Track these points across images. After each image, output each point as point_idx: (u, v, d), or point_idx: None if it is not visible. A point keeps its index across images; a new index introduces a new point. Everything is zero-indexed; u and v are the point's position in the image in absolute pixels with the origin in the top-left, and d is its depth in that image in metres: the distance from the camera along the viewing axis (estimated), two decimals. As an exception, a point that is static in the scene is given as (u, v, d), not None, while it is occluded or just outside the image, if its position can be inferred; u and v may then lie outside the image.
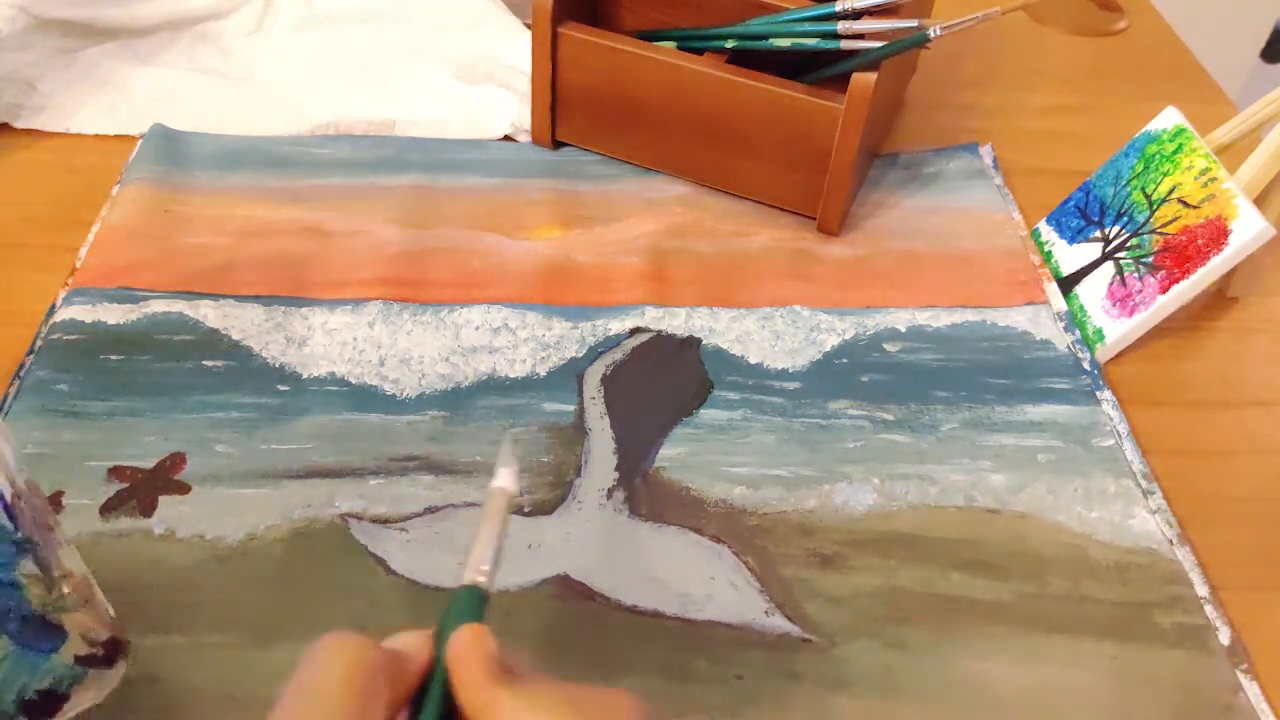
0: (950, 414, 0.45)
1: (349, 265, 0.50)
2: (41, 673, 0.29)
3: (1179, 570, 0.40)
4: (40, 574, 0.29)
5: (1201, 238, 0.47)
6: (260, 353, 0.46)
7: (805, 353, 0.47)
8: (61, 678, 0.30)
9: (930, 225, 0.55)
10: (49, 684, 0.30)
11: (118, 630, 0.32)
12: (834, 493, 0.42)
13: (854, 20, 0.50)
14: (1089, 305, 0.50)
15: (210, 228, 0.52)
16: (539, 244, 0.52)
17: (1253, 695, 0.36)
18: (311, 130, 0.58)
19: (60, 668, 0.30)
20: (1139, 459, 0.43)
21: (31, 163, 0.56)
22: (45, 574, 0.29)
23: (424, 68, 0.61)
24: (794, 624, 0.37)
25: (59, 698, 0.30)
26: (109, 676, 0.32)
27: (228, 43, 0.62)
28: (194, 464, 0.41)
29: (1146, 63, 0.69)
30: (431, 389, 0.45)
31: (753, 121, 0.52)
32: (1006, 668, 0.36)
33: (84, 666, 0.31)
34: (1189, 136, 0.50)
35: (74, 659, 0.30)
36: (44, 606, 0.29)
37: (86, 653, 0.31)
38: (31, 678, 0.29)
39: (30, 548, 0.28)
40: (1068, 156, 0.59)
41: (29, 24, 0.58)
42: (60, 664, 0.30)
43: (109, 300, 0.47)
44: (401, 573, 0.38)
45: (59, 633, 0.30)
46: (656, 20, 0.58)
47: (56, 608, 0.29)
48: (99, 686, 0.32)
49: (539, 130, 0.58)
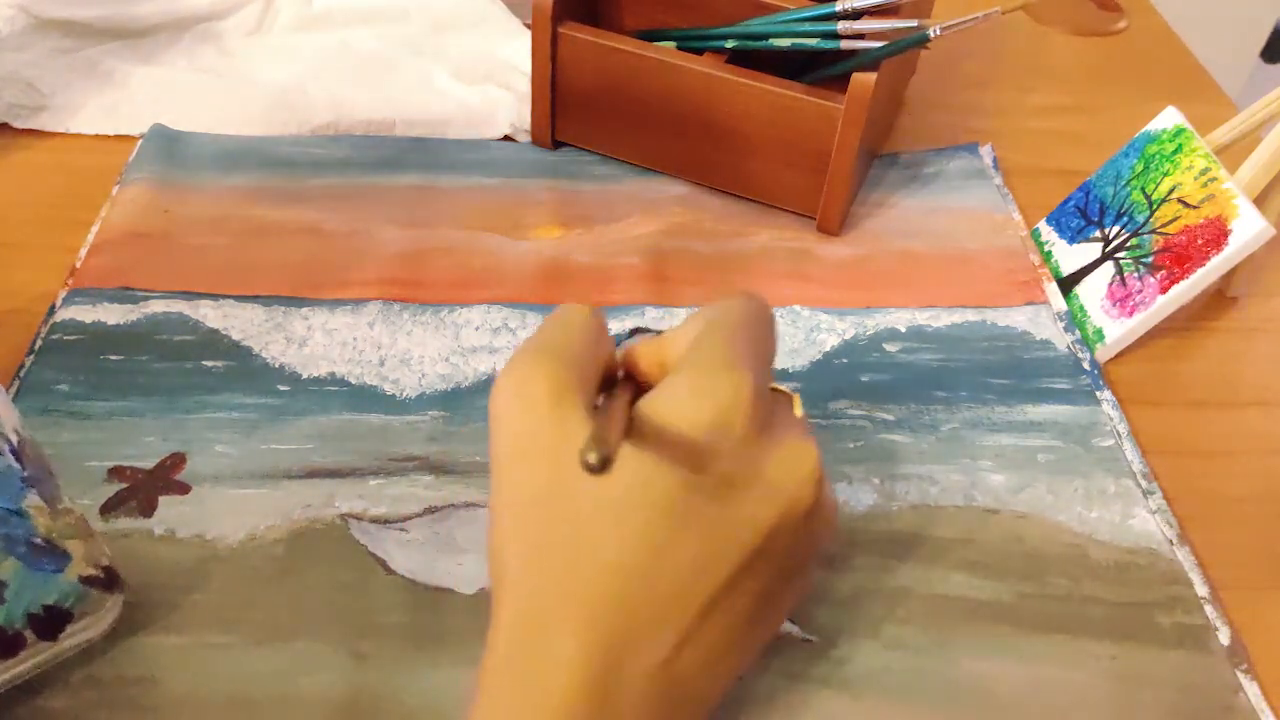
0: (950, 414, 0.45)
1: (349, 265, 0.50)
2: (49, 589, 0.32)
3: (1179, 570, 0.40)
4: (45, 506, 0.32)
5: (1201, 238, 0.47)
6: (260, 353, 0.46)
7: (805, 353, 0.47)
8: (66, 594, 0.33)
9: (930, 225, 0.55)
10: (55, 599, 0.33)
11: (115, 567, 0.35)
12: (834, 493, 0.42)
13: (854, 20, 0.50)
14: (1089, 305, 0.50)
15: (210, 228, 0.52)
16: (539, 244, 0.52)
17: (1253, 695, 0.36)
18: (311, 130, 0.58)
19: (65, 585, 0.33)
20: (1139, 459, 0.43)
21: (31, 163, 0.56)
22: (50, 507, 0.32)
23: (424, 68, 0.61)
24: (794, 624, 0.37)
25: (64, 613, 0.33)
26: (108, 607, 0.34)
27: (228, 43, 0.62)
28: (194, 464, 0.41)
29: (1146, 63, 0.70)
30: (431, 389, 0.45)
31: (753, 121, 0.52)
32: (1006, 668, 0.36)
33: (87, 586, 0.33)
34: (1189, 136, 0.50)
35: (78, 578, 0.33)
36: (50, 532, 0.32)
37: (89, 574, 0.33)
38: (39, 594, 0.32)
39: (35, 483, 0.31)
40: (1068, 156, 0.59)
41: (29, 24, 0.58)
42: (65, 582, 0.33)
43: (109, 300, 0.47)
44: (401, 573, 0.38)
45: (64, 556, 0.32)
46: (656, 20, 0.58)
47: (62, 535, 0.32)
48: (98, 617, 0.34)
49: (539, 130, 0.58)
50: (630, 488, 0.27)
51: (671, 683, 0.27)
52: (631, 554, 0.27)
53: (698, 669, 0.28)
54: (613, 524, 0.27)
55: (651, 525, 0.27)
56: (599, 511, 0.27)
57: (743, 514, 0.28)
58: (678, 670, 0.27)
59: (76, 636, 0.34)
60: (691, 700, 0.28)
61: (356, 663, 0.35)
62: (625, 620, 0.26)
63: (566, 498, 0.27)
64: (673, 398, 0.28)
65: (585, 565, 0.27)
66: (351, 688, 0.35)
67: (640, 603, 0.27)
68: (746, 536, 0.28)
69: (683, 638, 0.27)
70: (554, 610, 0.27)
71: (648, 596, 0.27)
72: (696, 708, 0.28)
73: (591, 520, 0.27)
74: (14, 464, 0.31)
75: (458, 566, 0.38)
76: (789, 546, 0.29)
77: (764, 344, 0.31)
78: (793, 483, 0.28)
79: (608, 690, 0.26)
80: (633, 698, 0.26)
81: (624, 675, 0.26)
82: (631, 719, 0.26)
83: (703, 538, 0.27)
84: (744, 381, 0.28)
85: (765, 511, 0.28)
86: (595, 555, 0.27)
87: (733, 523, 0.27)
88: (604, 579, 0.27)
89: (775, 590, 0.30)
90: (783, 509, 0.28)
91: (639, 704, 0.26)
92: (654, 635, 0.27)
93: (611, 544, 0.27)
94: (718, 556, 0.27)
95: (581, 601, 0.27)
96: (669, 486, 0.27)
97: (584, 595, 0.27)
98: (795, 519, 0.28)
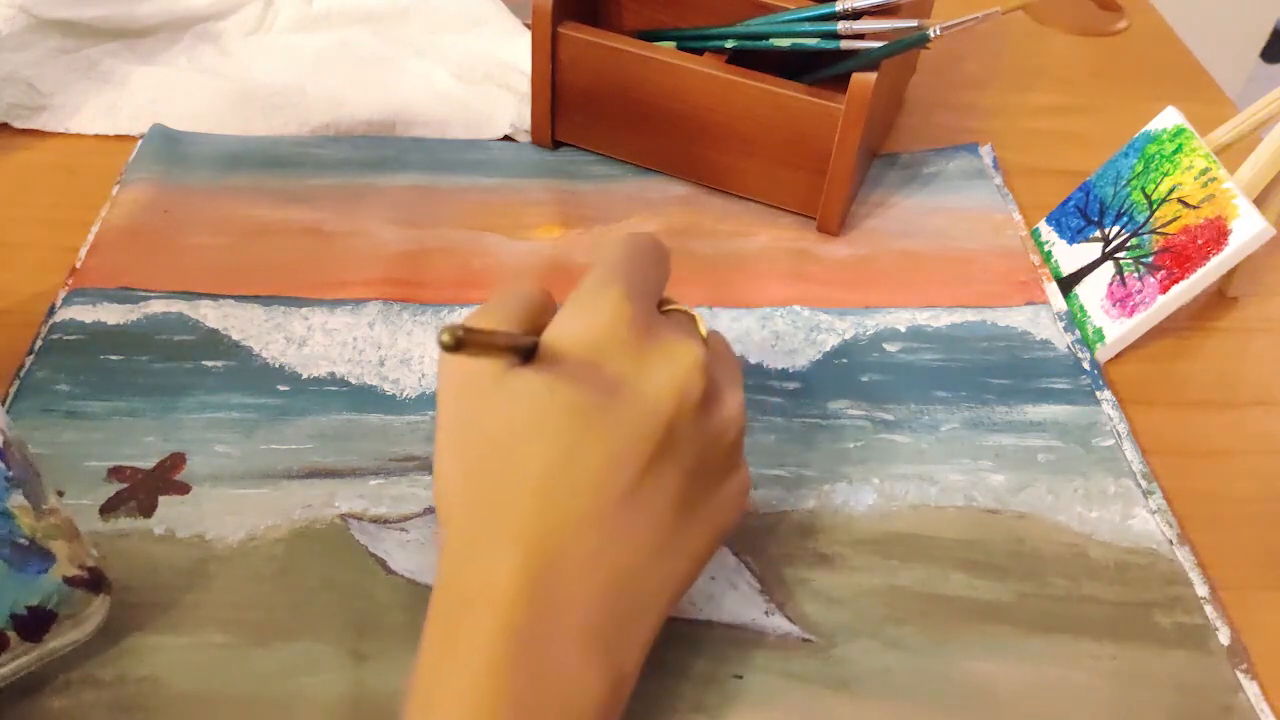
0: (950, 414, 0.45)
1: (349, 265, 0.50)
2: (32, 590, 0.32)
3: (1179, 570, 0.40)
4: (29, 507, 0.32)
5: (1201, 238, 0.47)
6: (260, 353, 0.46)
7: (805, 353, 0.47)
8: (50, 595, 0.32)
9: (930, 225, 0.55)
10: (39, 601, 0.32)
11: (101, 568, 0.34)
12: (834, 493, 0.42)
13: (854, 20, 0.50)
14: (1089, 305, 0.50)
15: (210, 228, 0.52)
16: (539, 244, 0.52)
17: (1252, 695, 0.36)
18: (311, 131, 0.58)
19: (50, 586, 0.32)
20: (1139, 459, 0.43)
21: (31, 163, 0.56)
22: (34, 507, 0.32)
23: (424, 68, 0.61)
24: (794, 624, 0.37)
25: (48, 614, 0.32)
26: (94, 608, 0.34)
27: (228, 43, 0.62)
28: (194, 464, 0.41)
29: (1146, 63, 0.70)
30: (431, 389, 0.45)
31: (753, 121, 0.52)
32: (1006, 668, 0.36)
33: (71, 586, 0.33)
34: (1189, 136, 0.50)
35: (62, 579, 0.33)
36: (34, 533, 0.32)
37: (74, 574, 0.33)
38: (22, 595, 0.32)
39: (20, 484, 0.32)
40: (1068, 156, 0.59)
41: (29, 24, 0.58)
42: (50, 583, 0.32)
43: (109, 300, 0.47)
44: (401, 573, 0.38)
45: (49, 557, 0.32)
46: (656, 20, 0.58)
47: (46, 535, 0.32)
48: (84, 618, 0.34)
49: (539, 130, 0.58)
50: (534, 404, 0.30)
51: (607, 579, 0.29)
52: (544, 460, 0.29)
53: (634, 566, 0.30)
54: (525, 439, 0.30)
55: (558, 430, 0.30)
56: (512, 431, 0.30)
57: (639, 408, 0.30)
58: (611, 566, 0.30)
59: (61, 638, 0.33)
60: (631, 599, 0.30)
61: (356, 663, 0.35)
62: (553, 522, 0.29)
63: (483, 427, 0.31)
64: (559, 320, 0.32)
65: (508, 481, 0.30)
66: (351, 688, 0.35)
67: (563, 504, 0.29)
68: (647, 427, 0.30)
69: (610, 530, 0.30)
70: (487, 527, 0.30)
71: (569, 495, 0.29)
72: (638, 606, 0.31)
73: (507, 441, 0.30)
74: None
75: None
76: (693, 438, 0.31)
77: (644, 265, 0.34)
78: (679, 373, 0.31)
79: (547, 589, 0.28)
80: (572, 591, 0.29)
81: (561, 572, 0.29)
82: (571, 615, 0.28)
83: (607, 434, 0.30)
84: (619, 293, 0.31)
85: (660, 403, 0.30)
86: (515, 470, 0.30)
87: (631, 417, 0.30)
88: (526, 488, 0.29)
89: (697, 490, 0.32)
90: (675, 398, 0.31)
91: (579, 597, 0.29)
92: (582, 531, 0.29)
93: (526, 456, 0.30)
94: (625, 449, 0.30)
95: (511, 513, 0.29)
96: (567, 394, 0.30)
97: (511, 507, 0.29)
98: (690, 408, 0.31)
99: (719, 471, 0.33)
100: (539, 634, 0.28)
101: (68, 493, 0.40)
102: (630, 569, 0.30)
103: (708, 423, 0.32)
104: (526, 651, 0.28)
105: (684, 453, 0.31)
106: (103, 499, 0.40)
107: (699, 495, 0.32)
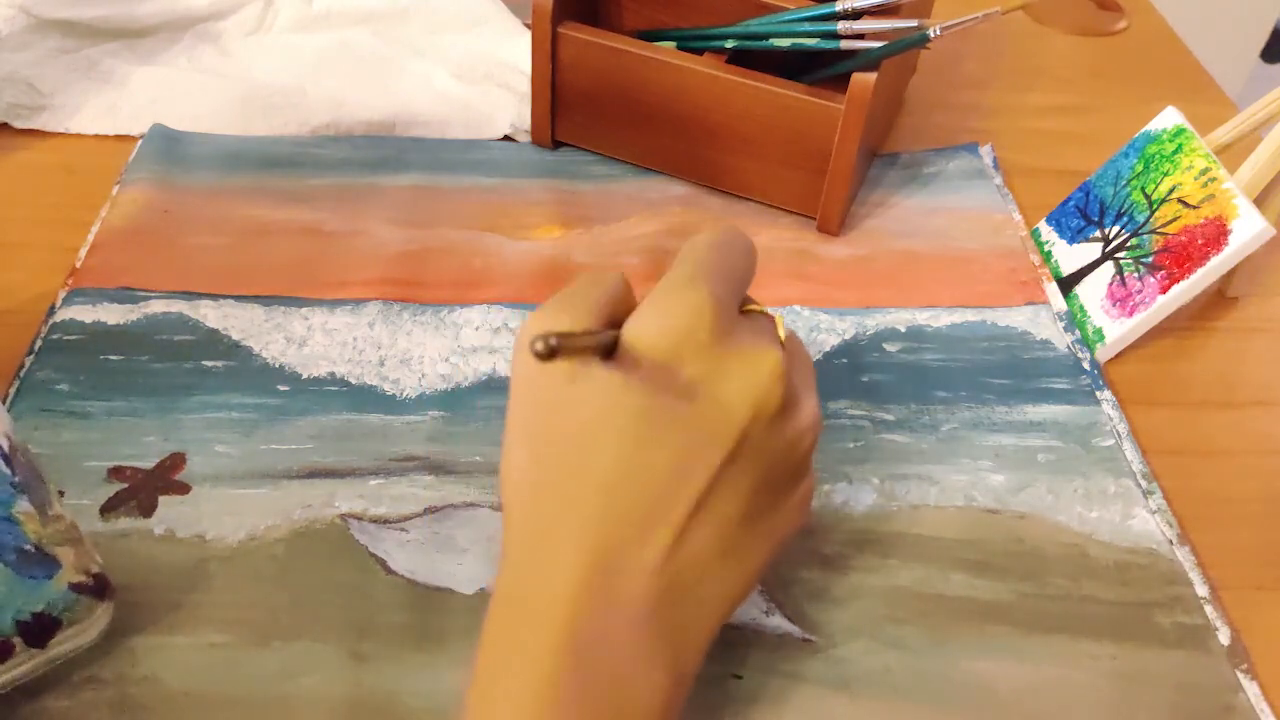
0: (950, 414, 0.45)
1: (349, 265, 0.50)
2: (37, 597, 0.32)
3: (1179, 570, 0.40)
4: (35, 513, 0.32)
5: (1201, 238, 0.47)
6: (260, 353, 0.46)
7: (805, 353, 0.47)
8: (55, 602, 0.32)
9: (930, 225, 0.55)
10: (43, 607, 0.32)
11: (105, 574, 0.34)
12: (834, 492, 0.42)
13: (854, 20, 0.50)
14: (1089, 305, 0.50)
15: (210, 228, 0.52)
16: (539, 244, 0.52)
17: (1253, 695, 0.36)
18: (311, 131, 0.58)
19: (54, 593, 0.32)
20: (1139, 459, 0.43)
21: (31, 163, 0.56)
22: (40, 513, 0.32)
23: (424, 68, 0.61)
24: (794, 624, 0.37)
25: (53, 621, 0.32)
26: (98, 615, 0.34)
27: (228, 43, 0.62)
28: (194, 464, 0.41)
29: (1146, 63, 0.70)
30: (431, 389, 0.45)
31: (753, 121, 0.52)
32: (1006, 668, 0.36)
33: (76, 593, 0.33)
34: (1189, 136, 0.50)
35: (68, 585, 0.33)
36: (39, 539, 0.32)
37: (79, 580, 0.33)
38: (28, 601, 0.32)
39: (26, 489, 0.31)
40: (1068, 156, 0.59)
41: (29, 24, 0.58)
42: (54, 590, 0.32)
43: (109, 300, 0.47)
44: (401, 573, 0.38)
45: (54, 563, 0.32)
46: (656, 20, 0.58)
47: (52, 541, 0.32)
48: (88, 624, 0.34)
49: (539, 130, 0.58)
50: (606, 402, 0.29)
51: (670, 582, 0.29)
52: (614, 460, 0.29)
53: (697, 570, 0.30)
54: (595, 435, 0.29)
55: (629, 431, 0.29)
56: (582, 429, 0.29)
57: (713, 415, 0.30)
58: (675, 569, 0.29)
59: (65, 644, 0.33)
60: (694, 602, 0.30)
61: (356, 663, 0.35)
62: (617, 523, 0.29)
63: (555, 421, 0.30)
64: (638, 318, 0.31)
65: (574, 478, 0.29)
66: (351, 688, 0.35)
67: (630, 505, 0.29)
68: (722, 434, 0.30)
69: (675, 536, 0.29)
70: (551, 523, 0.29)
71: (636, 498, 0.29)
72: (700, 611, 0.30)
73: (578, 435, 0.30)
74: (4, 469, 0.31)
75: (458, 566, 0.38)
76: (767, 448, 0.31)
77: (731, 263, 0.34)
78: (758, 382, 0.30)
79: (608, 590, 0.28)
80: (633, 596, 0.28)
81: (623, 576, 0.28)
82: (633, 616, 0.28)
83: (680, 437, 0.29)
84: (702, 295, 0.30)
85: (736, 410, 0.30)
86: (582, 468, 0.29)
87: (704, 423, 0.30)
88: (593, 487, 0.29)
89: (764, 499, 0.31)
90: (752, 407, 0.30)
91: (639, 602, 0.28)
92: (647, 535, 0.29)
93: (595, 452, 0.29)
94: (697, 455, 0.29)
95: (575, 510, 0.29)
96: (640, 395, 0.29)
97: (577, 505, 0.29)
98: (766, 417, 0.30)
99: (788, 480, 0.33)
100: (599, 634, 0.28)
101: (68, 493, 0.40)
102: (693, 574, 0.29)
103: (783, 431, 0.31)
104: (587, 653, 0.27)
105: (756, 462, 0.31)
106: (103, 499, 0.40)
107: (766, 504, 0.32)
